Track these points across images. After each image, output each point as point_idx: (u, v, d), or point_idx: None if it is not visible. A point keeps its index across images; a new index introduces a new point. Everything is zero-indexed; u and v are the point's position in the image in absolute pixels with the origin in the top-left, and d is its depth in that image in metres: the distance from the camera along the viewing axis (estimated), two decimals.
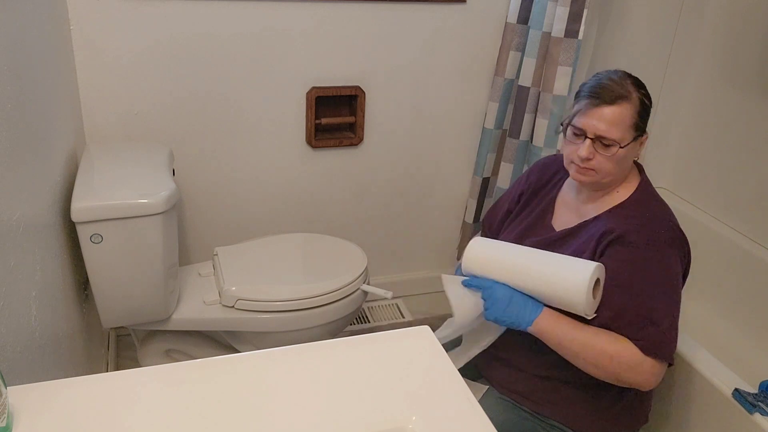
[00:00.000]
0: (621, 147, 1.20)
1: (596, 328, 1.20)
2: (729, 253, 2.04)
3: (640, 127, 1.23)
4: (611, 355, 1.16)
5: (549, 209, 1.39)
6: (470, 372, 1.46)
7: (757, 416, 1.28)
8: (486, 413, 0.80)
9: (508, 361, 1.33)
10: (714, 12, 2.10)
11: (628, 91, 1.21)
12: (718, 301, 2.07)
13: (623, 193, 1.29)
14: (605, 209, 1.28)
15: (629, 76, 1.24)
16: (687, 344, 1.50)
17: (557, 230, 1.34)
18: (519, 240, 1.38)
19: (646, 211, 1.25)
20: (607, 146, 1.21)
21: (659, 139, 2.31)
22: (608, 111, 1.19)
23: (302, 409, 0.77)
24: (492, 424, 0.78)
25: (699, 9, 2.11)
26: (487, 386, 1.37)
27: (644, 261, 1.19)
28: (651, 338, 1.16)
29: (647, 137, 1.26)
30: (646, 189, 1.30)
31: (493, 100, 1.98)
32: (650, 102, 1.24)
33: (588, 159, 1.22)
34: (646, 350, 1.15)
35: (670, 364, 1.20)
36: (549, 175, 1.43)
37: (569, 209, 1.35)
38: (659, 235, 1.21)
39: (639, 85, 1.23)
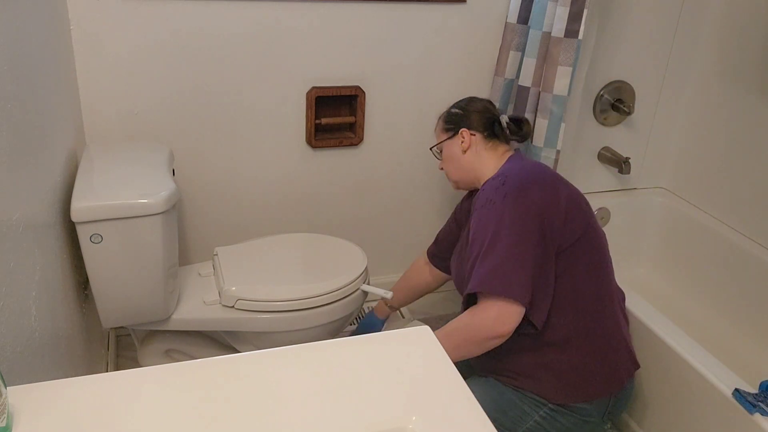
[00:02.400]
0: (438, 150, 1.62)
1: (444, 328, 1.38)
2: (729, 253, 2.04)
3: (447, 129, 1.59)
4: (459, 327, 1.34)
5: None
6: (464, 369, 1.48)
7: (757, 416, 1.28)
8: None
9: None
10: (714, 12, 2.10)
11: (445, 111, 1.64)
12: (718, 301, 2.07)
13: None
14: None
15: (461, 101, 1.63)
16: (687, 344, 1.51)
17: None
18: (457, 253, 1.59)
19: (486, 183, 1.45)
20: (437, 151, 1.63)
21: (659, 139, 2.31)
22: (435, 130, 1.66)
23: (302, 409, 0.77)
24: (489, 421, 0.78)
25: (699, 9, 2.11)
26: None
27: (478, 222, 1.37)
28: (478, 278, 1.30)
29: (467, 131, 1.54)
30: (504, 166, 1.49)
31: (493, 100, 1.98)
32: (457, 108, 1.59)
33: (441, 169, 1.65)
34: (484, 292, 1.30)
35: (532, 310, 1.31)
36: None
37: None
38: (490, 195, 1.38)
39: (456, 102, 1.63)
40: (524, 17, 1.88)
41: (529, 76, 1.88)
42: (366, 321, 1.92)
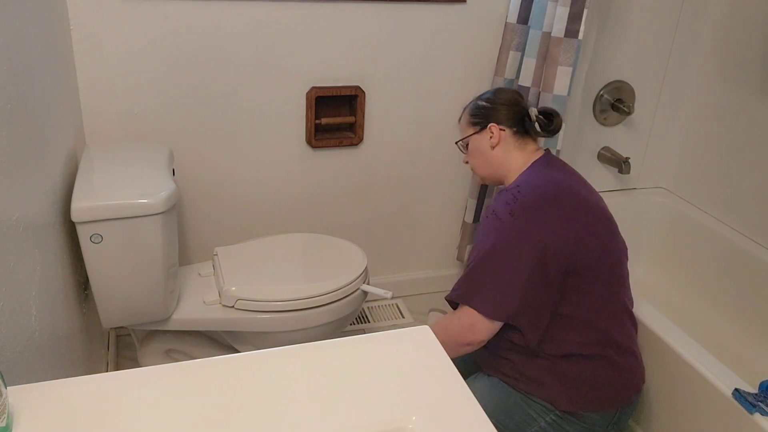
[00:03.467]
0: (464, 145, 1.55)
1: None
2: (729, 253, 2.04)
3: (475, 122, 1.50)
4: (437, 331, 1.35)
5: None
6: (471, 367, 1.48)
7: (757, 416, 1.28)
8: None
9: (486, 343, 1.40)
10: (714, 12, 2.10)
11: (470, 102, 1.55)
12: (718, 301, 2.07)
13: (510, 182, 1.47)
14: None
15: (486, 92, 1.55)
16: (687, 344, 1.51)
17: None
18: None
19: (501, 194, 1.41)
20: (463, 145, 1.56)
21: (659, 139, 2.31)
22: (460, 123, 1.57)
23: (302, 409, 0.77)
24: (490, 421, 0.78)
25: (699, 9, 2.11)
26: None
27: (480, 231, 1.39)
28: (459, 290, 1.35)
29: (496, 126, 1.47)
30: (529, 172, 1.44)
31: None
32: (485, 101, 1.51)
33: (466, 163, 1.57)
34: (461, 302, 1.34)
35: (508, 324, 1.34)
36: None
37: None
38: (498, 208, 1.36)
39: (482, 94, 1.54)
40: (524, 17, 1.88)
41: (529, 76, 1.88)
42: None
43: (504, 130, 1.46)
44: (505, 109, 1.47)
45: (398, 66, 1.92)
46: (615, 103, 2.17)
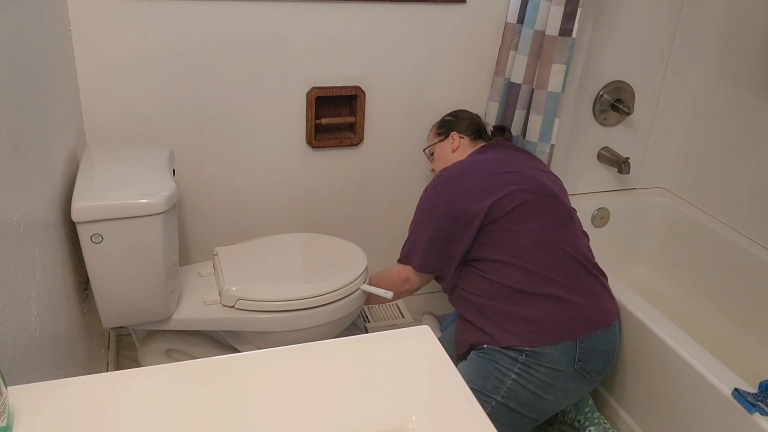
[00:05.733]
0: (431, 152, 1.89)
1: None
2: (729, 253, 2.04)
3: (440, 133, 1.86)
4: (383, 276, 1.74)
5: None
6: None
7: (757, 416, 1.28)
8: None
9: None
10: (714, 12, 2.10)
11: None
12: (718, 301, 2.07)
13: None
14: None
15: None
16: (687, 344, 1.51)
17: None
18: None
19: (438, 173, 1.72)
20: (431, 153, 1.90)
21: (659, 139, 2.31)
22: (428, 136, 1.96)
23: (302, 408, 0.77)
24: (490, 421, 0.78)
25: (699, 9, 2.11)
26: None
27: (418, 203, 1.69)
28: (402, 252, 1.70)
29: (457, 134, 1.81)
30: (451, 165, 1.72)
31: (493, 100, 1.98)
32: (450, 116, 1.89)
33: (432, 170, 1.91)
34: (400, 261, 1.70)
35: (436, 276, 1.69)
36: None
37: None
38: (429, 183, 1.68)
39: (448, 112, 1.94)
40: (524, 17, 1.88)
41: (520, 73, 1.89)
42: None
43: (463, 138, 1.81)
44: (466, 123, 1.83)
45: (398, 66, 1.92)
46: (615, 103, 2.17)
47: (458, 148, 1.79)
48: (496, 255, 1.54)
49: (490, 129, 1.83)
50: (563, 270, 1.52)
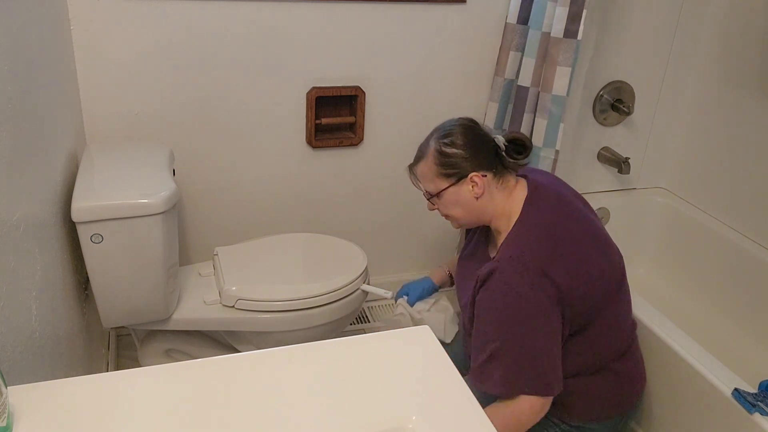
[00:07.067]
0: (435, 196, 1.37)
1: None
2: (729, 253, 2.04)
3: (449, 174, 1.32)
4: (500, 425, 1.10)
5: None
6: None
7: (757, 416, 1.28)
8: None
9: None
10: (714, 12, 2.10)
11: (427, 146, 1.35)
12: (718, 301, 2.07)
13: (504, 228, 1.34)
14: (497, 248, 1.33)
15: (439, 129, 1.36)
16: (687, 344, 1.51)
17: None
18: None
19: (507, 250, 1.27)
20: (434, 196, 1.37)
21: (659, 139, 2.31)
22: (418, 170, 1.39)
23: (302, 409, 0.77)
24: (490, 421, 0.78)
25: (699, 9, 2.11)
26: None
27: (490, 303, 1.25)
28: (505, 378, 1.23)
29: (478, 175, 1.30)
30: (523, 221, 1.31)
31: (493, 101, 1.98)
32: (452, 147, 1.31)
33: (434, 210, 1.42)
34: (512, 396, 1.24)
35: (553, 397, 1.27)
36: None
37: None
38: (509, 278, 1.23)
39: (443, 135, 1.33)
40: (524, 17, 1.88)
41: (528, 76, 1.89)
42: (419, 281, 1.70)
43: (485, 176, 1.31)
44: (479, 153, 1.31)
45: (398, 66, 1.92)
46: (615, 103, 2.17)
47: (483, 194, 1.31)
48: (580, 346, 1.33)
49: (501, 143, 1.32)
50: (624, 339, 1.41)
